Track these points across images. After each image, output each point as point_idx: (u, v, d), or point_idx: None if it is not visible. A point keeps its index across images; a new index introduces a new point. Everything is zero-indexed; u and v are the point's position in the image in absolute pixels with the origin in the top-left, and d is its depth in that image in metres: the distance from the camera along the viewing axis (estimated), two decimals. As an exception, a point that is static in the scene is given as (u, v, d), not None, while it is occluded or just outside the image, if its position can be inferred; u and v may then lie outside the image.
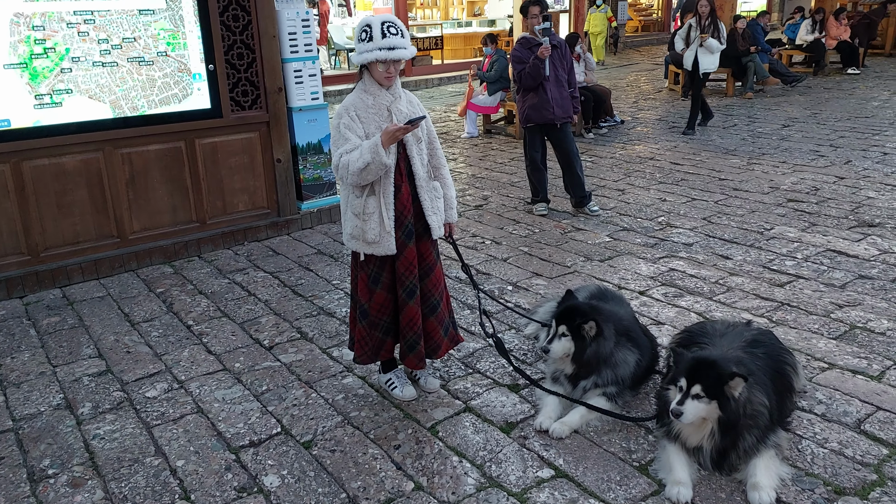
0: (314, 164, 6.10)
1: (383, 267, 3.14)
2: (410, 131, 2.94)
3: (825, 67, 14.29)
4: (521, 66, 5.83)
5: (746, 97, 11.97)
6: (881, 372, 3.48)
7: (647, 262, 5.02)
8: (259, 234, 5.79)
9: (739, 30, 12.08)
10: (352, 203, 3.10)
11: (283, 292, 4.74)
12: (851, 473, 2.78)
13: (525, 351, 3.84)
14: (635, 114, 10.92)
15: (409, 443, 3.07)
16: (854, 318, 4.05)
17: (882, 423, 3.09)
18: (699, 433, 2.80)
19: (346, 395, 3.46)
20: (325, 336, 4.09)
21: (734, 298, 4.38)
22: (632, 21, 21.97)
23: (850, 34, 14.50)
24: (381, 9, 15.90)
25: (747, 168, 7.47)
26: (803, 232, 5.48)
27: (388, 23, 2.92)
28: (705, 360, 2.80)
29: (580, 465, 2.90)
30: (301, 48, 5.76)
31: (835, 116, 9.99)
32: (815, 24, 14.28)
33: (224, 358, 3.87)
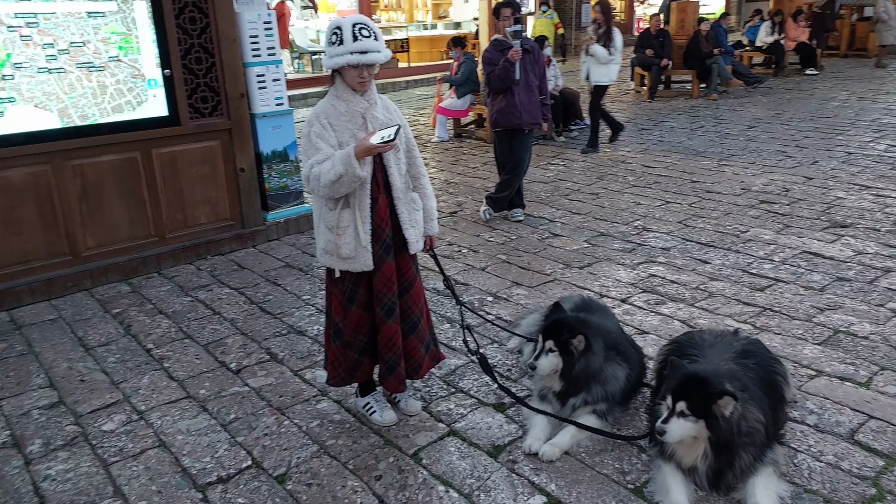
0: (280, 173, 5.86)
1: (359, 283, 2.95)
2: (389, 149, 2.76)
3: (785, 68, 14.49)
4: (492, 69, 5.69)
5: (711, 98, 12.04)
6: (869, 378, 3.41)
7: (626, 268, 4.91)
8: (223, 247, 5.53)
9: (703, 32, 12.15)
10: (325, 216, 2.90)
11: (250, 310, 4.51)
12: (850, 488, 2.68)
13: (509, 366, 3.68)
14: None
15: (391, 472, 2.88)
16: (836, 321, 3.99)
17: (875, 432, 3.00)
18: (692, 453, 2.67)
19: (321, 421, 3.25)
20: (296, 357, 3.87)
21: (716, 304, 4.28)
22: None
23: (808, 36, 14.73)
24: (345, 11, 15.67)
25: (718, 170, 7.45)
26: (778, 234, 5.44)
27: (359, 24, 2.73)
28: (695, 376, 2.67)
29: (573, 489, 2.74)
30: (264, 52, 5.52)
31: (798, 117, 10.08)
32: (774, 25, 14.47)
33: (188, 384, 3.62)
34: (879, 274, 4.58)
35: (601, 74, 8.46)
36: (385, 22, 18.10)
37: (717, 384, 2.58)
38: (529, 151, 6.01)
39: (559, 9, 20.59)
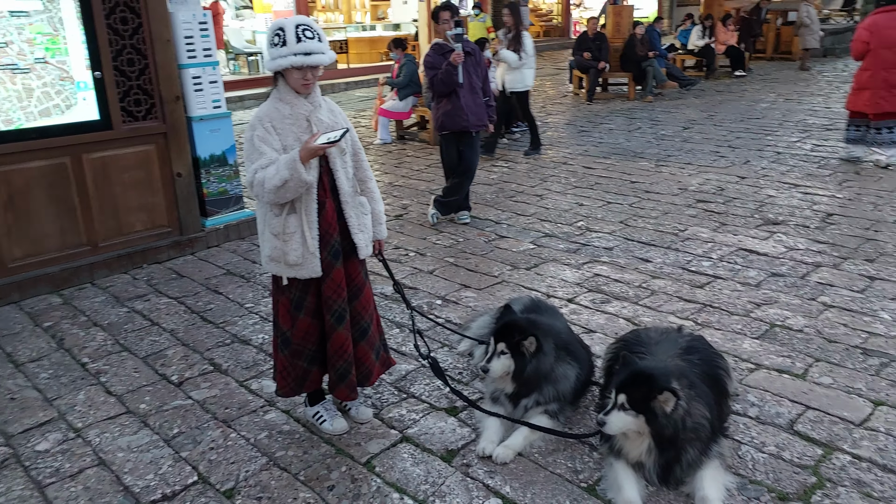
0: (218, 178, 5.71)
1: (307, 290, 2.89)
2: (333, 147, 2.71)
3: (716, 71, 14.97)
4: (434, 72, 5.68)
5: (647, 100, 12.33)
6: (805, 370, 3.54)
7: (571, 268, 4.97)
8: (160, 255, 5.34)
9: (638, 35, 12.44)
10: (270, 222, 2.82)
11: (191, 320, 4.36)
12: (792, 477, 2.77)
13: (460, 369, 3.67)
14: (544, 118, 11.01)
15: (343, 482, 2.83)
16: (772, 316, 4.12)
17: (813, 422, 3.12)
18: (637, 448, 2.72)
19: (269, 432, 3.17)
20: (241, 367, 3.76)
21: (659, 302, 4.38)
22: (533, 26, 22.33)
23: (736, 39, 15.27)
24: (282, 11, 15.41)
25: (656, 170, 7.63)
26: (715, 232, 5.60)
27: (302, 26, 2.67)
28: (640, 372, 2.72)
29: (527, 491, 2.75)
30: (199, 53, 5.36)
31: (729, 118, 10.42)
32: (705, 29, 14.94)
33: (127, 399, 3.48)
34: (810, 269, 4.77)
35: (515, 81, 8.33)
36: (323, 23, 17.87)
37: (660, 381, 2.63)
38: (478, 154, 6.02)
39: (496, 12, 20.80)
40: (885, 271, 4.65)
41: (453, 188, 5.96)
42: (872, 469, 2.78)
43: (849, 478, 2.74)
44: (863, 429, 3.04)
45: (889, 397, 3.24)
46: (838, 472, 2.78)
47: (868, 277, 4.57)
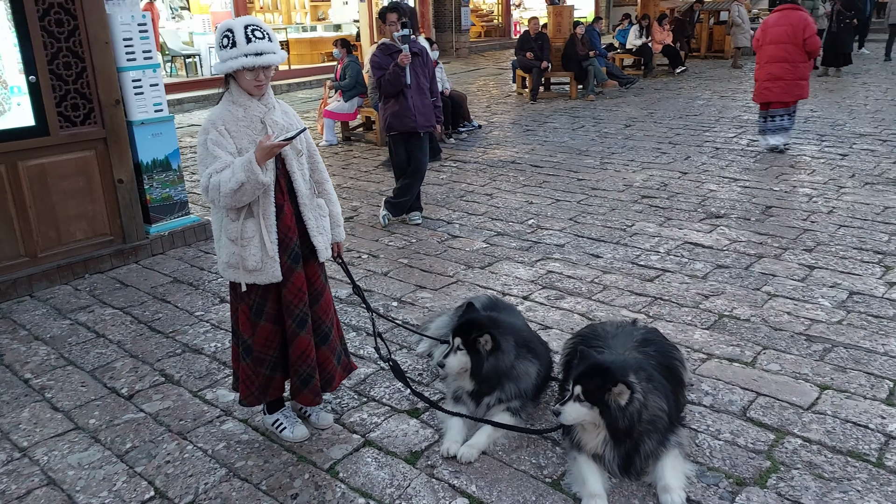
0: (162, 183, 5.54)
1: (267, 296, 2.83)
2: (287, 146, 2.66)
3: (653, 69, 15.36)
4: (381, 73, 5.64)
5: (588, 99, 12.55)
6: (753, 358, 3.65)
7: (525, 266, 5.02)
8: (103, 264, 5.15)
9: (579, 35, 12.65)
10: (226, 228, 2.76)
11: (139, 330, 4.22)
12: (748, 463, 2.86)
13: (420, 371, 3.66)
14: (490, 118, 11.09)
15: (307, 489, 2.78)
16: (720, 307, 4.25)
17: (764, 408, 3.22)
18: (594, 440, 2.77)
19: (227, 443, 3.10)
20: (194, 377, 3.66)
21: (611, 296, 4.46)
22: (474, 27, 22.47)
23: (672, 39, 15.70)
24: (220, 13, 15.09)
25: (601, 168, 7.77)
26: (661, 227, 5.74)
27: (252, 26, 2.62)
28: (597, 365, 2.76)
29: (493, 489, 2.76)
30: (139, 55, 5.20)
31: (668, 115, 10.70)
32: (642, 29, 15.30)
33: (75, 415, 3.34)
34: (753, 260, 4.93)
35: None
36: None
37: (615, 373, 2.68)
38: (427, 154, 6.01)
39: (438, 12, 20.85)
40: (823, 260, 4.84)
41: (404, 189, 5.94)
42: (822, 451, 2.89)
43: (801, 460, 2.84)
44: (811, 412, 3.15)
45: (834, 381, 3.38)
46: (791, 456, 2.88)
47: (807, 267, 4.76)
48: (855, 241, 5.17)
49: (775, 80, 7.69)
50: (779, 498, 2.64)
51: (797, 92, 7.69)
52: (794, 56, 7.58)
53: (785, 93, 7.70)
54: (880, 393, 3.27)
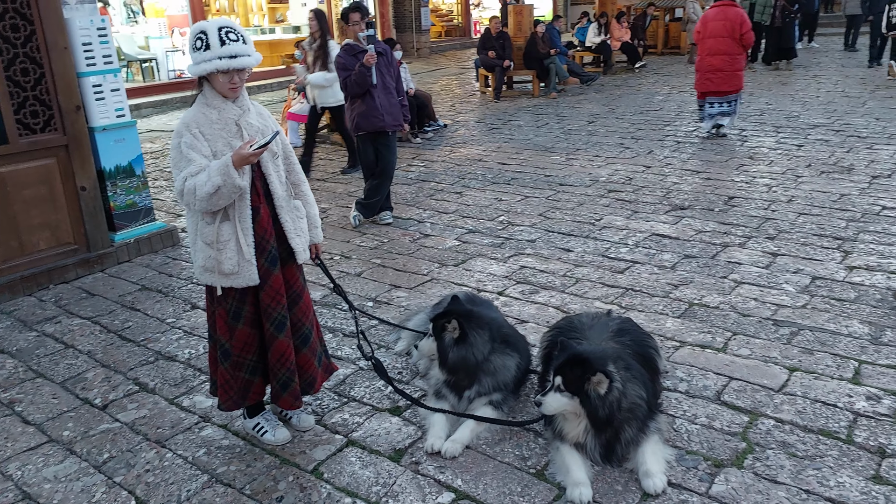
0: (126, 190, 5.44)
1: (245, 300, 2.80)
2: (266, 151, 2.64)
3: (613, 66, 15.58)
4: (347, 74, 5.62)
5: (551, 97, 12.67)
6: (724, 343, 3.74)
7: (498, 262, 5.05)
8: (67, 274, 5.04)
9: (539, 34, 12.76)
10: (202, 231, 2.72)
11: (109, 339, 4.14)
12: (724, 445, 2.93)
13: (400, 369, 3.66)
14: (455, 117, 11.13)
15: (292, 491, 2.77)
16: (690, 295, 4.34)
17: (737, 391, 3.30)
18: (575, 429, 2.81)
19: (207, 449, 3.06)
20: (169, 384, 3.61)
21: (584, 289, 4.52)
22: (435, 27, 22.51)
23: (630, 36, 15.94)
24: (176, 16, 14.86)
25: (567, 164, 7.86)
26: (628, 220, 5.83)
27: (226, 28, 2.59)
28: (577, 355, 2.81)
29: (479, 482, 2.78)
30: (99, 60, 5.09)
31: (630, 111, 10.87)
32: (601, 27, 15.52)
33: (48, 427, 3.27)
34: (719, 249, 5.04)
35: (328, 95, 7.51)
36: (220, 28, 17.33)
37: (594, 364, 2.72)
38: (395, 153, 6.01)
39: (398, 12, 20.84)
40: (785, 247, 4.98)
41: (374, 189, 5.93)
42: (795, 431, 2.98)
43: (775, 441, 2.92)
44: (782, 394, 3.24)
45: (802, 363, 3.48)
46: (765, 436, 2.96)
47: (771, 254, 4.88)
48: (814, 227, 5.33)
49: (716, 71, 8.27)
50: (756, 477, 2.71)
51: (735, 83, 8.33)
52: (731, 49, 8.19)
53: (724, 83, 8.30)
54: (846, 373, 3.37)
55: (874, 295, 4.15)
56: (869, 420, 3.01)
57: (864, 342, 3.64)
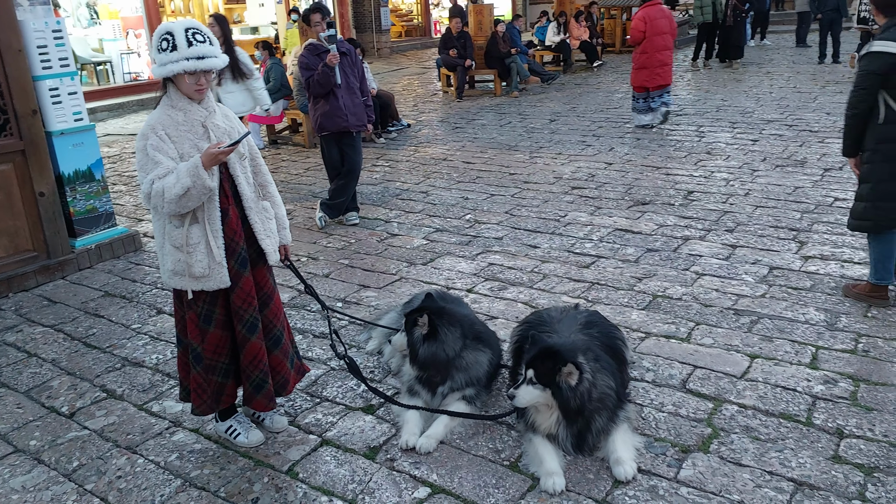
0: (86, 195, 5.34)
1: (215, 302, 2.79)
2: (235, 151, 2.63)
3: (572, 65, 15.76)
4: (310, 73, 5.61)
5: (513, 96, 12.76)
6: (688, 333, 3.84)
7: (466, 259, 5.10)
8: (27, 282, 4.93)
9: (500, 33, 12.85)
10: (170, 235, 2.70)
11: (73, 347, 4.07)
12: (691, 431, 3.02)
13: (372, 368, 3.68)
14: (418, 117, 11.14)
15: (268, 492, 2.77)
16: (653, 288, 4.44)
17: (701, 379, 3.40)
18: (548, 420, 2.87)
19: (180, 453, 3.04)
20: (137, 390, 3.57)
21: (551, 284, 4.59)
22: (395, 27, 22.48)
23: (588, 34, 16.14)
24: (131, 17, 14.58)
25: (531, 161, 7.94)
26: (592, 215, 5.93)
27: (192, 29, 2.58)
28: (548, 348, 2.86)
29: (454, 476, 2.82)
30: (55, 63, 4.99)
31: (590, 109, 11.02)
32: (560, 26, 15.68)
33: (13, 437, 3.21)
34: (681, 242, 5.17)
35: (238, 103, 6.85)
36: (177, 29, 17.05)
37: (565, 356, 2.78)
38: (361, 154, 6.01)
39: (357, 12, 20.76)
40: (744, 239, 5.12)
41: (339, 190, 5.92)
42: (757, 415, 3.08)
43: (738, 425, 3.02)
44: (744, 380, 3.35)
45: (762, 350, 3.60)
46: (729, 422, 3.05)
47: (730, 246, 5.02)
48: (771, 220, 5.49)
49: (664, 65, 8.85)
50: (721, 461, 2.80)
51: (671, 75, 9.09)
52: (671, 45, 8.96)
53: (668, 76, 8.97)
54: (804, 358, 3.50)
55: (829, 283, 4.31)
56: (827, 403, 3.13)
57: (820, 329, 3.77)
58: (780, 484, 2.65)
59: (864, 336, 3.66)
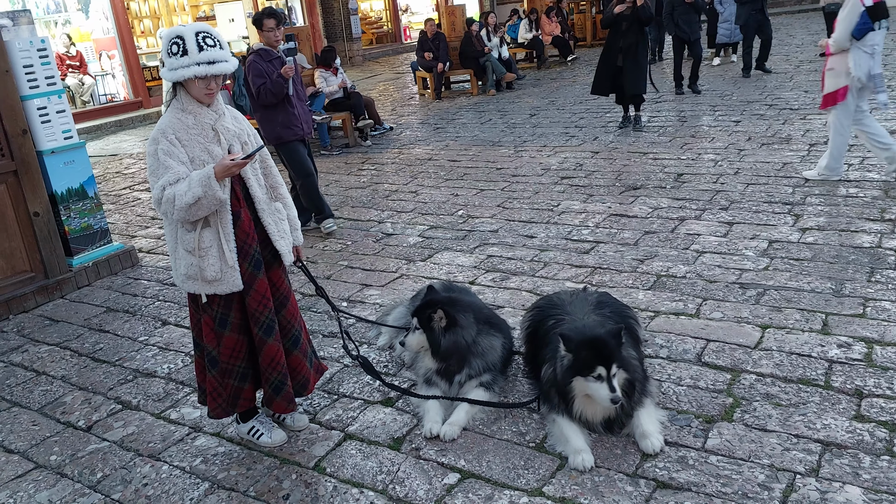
0: (80, 212, 5.28)
1: (230, 306, 2.77)
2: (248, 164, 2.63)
3: (546, 61, 15.87)
4: (262, 81, 5.35)
5: (490, 94, 12.82)
6: (697, 309, 3.88)
7: (464, 253, 5.11)
8: (27, 303, 4.86)
9: (473, 32, 12.90)
10: (182, 239, 2.68)
11: (82, 363, 4.02)
12: (712, 402, 3.05)
13: (385, 363, 3.67)
14: (398, 120, 11.15)
15: (298, 489, 2.76)
16: (657, 268, 4.48)
17: (716, 352, 3.44)
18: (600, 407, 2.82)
19: (204, 457, 3.01)
20: (152, 400, 3.53)
21: (553, 271, 4.61)
22: (365, 34, 22.48)
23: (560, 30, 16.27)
24: (102, 39, 14.45)
25: (516, 156, 7.98)
26: (585, 203, 5.97)
27: (203, 33, 2.57)
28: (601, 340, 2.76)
29: (482, 460, 2.82)
30: (42, 82, 4.93)
31: (569, 102, 11.09)
32: (531, 23, 15.79)
33: (33, 454, 3.16)
34: (677, 223, 5.22)
35: None
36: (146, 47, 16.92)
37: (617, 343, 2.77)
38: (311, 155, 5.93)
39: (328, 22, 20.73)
40: (740, 216, 5.19)
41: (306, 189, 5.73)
42: (776, 382, 3.12)
43: (759, 393, 3.06)
44: (759, 350, 3.39)
45: (773, 321, 3.64)
46: (749, 391, 3.09)
47: (727, 223, 5.09)
48: (764, 195, 5.57)
49: None
50: (747, 428, 2.83)
51: None
52: None
53: None
54: (815, 325, 3.55)
55: (829, 252, 4.38)
56: (843, 366, 3.18)
57: (827, 296, 3.83)
58: (808, 446, 2.69)
59: (871, 300, 3.73)
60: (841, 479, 2.50)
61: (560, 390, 2.84)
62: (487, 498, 2.61)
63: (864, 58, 5.37)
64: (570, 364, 2.77)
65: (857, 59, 5.36)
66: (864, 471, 2.53)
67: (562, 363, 2.82)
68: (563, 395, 2.84)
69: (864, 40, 5.35)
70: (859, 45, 5.36)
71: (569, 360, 2.78)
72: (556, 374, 2.85)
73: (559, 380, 2.81)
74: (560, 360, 2.83)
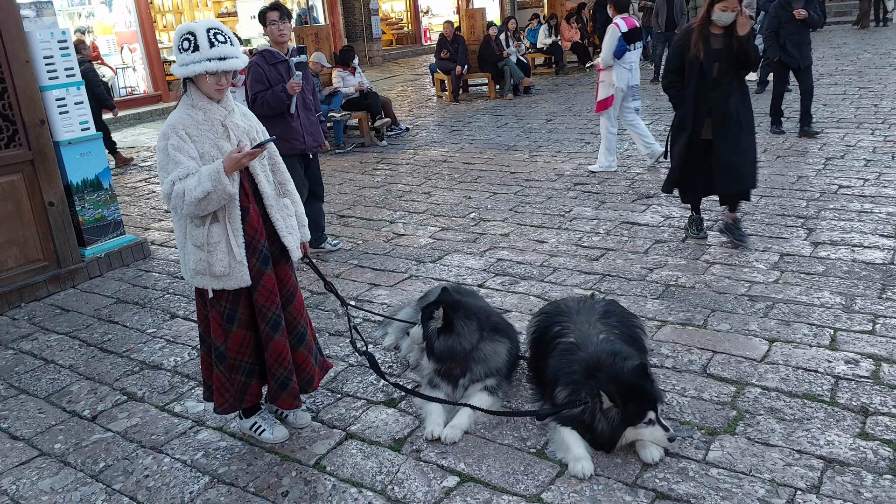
0: (94, 203, 5.34)
1: (238, 301, 2.79)
2: (258, 155, 2.65)
3: (565, 66, 15.84)
4: (261, 89, 4.78)
5: (507, 98, 12.81)
6: (704, 320, 3.86)
7: (474, 256, 5.11)
8: (39, 291, 4.91)
9: (492, 36, 12.91)
10: (191, 234, 2.70)
11: (90, 353, 4.06)
12: (716, 414, 3.03)
13: (390, 363, 3.68)
14: (415, 121, 11.18)
15: (297, 486, 2.77)
16: (665, 277, 4.46)
17: (721, 364, 3.41)
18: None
19: (205, 451, 3.03)
20: (157, 392, 3.56)
21: (563, 277, 4.60)
22: (385, 35, 22.55)
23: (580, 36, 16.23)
24: (124, 32, 14.60)
25: (531, 160, 7.97)
26: (597, 210, 5.95)
27: (214, 29, 2.59)
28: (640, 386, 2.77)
29: (482, 464, 2.82)
30: (61, 73, 4.99)
31: (586, 108, 11.04)
32: (551, 28, 15.77)
33: (37, 441, 3.20)
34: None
35: None
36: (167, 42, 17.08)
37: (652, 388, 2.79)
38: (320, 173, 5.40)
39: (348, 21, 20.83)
40: (752, 228, 5.15)
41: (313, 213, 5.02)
42: (781, 397, 3.10)
43: (763, 407, 3.03)
44: (764, 364, 3.37)
45: (780, 334, 3.61)
46: (753, 404, 3.06)
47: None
48: (777, 208, 5.52)
49: None
50: (749, 442, 2.81)
51: None
52: None
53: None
54: (823, 340, 3.52)
55: (841, 267, 4.33)
56: (849, 382, 3.15)
57: (836, 311, 3.80)
58: (810, 462, 2.66)
59: (881, 317, 3.69)
60: (842, 497, 2.47)
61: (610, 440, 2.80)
62: (486, 502, 2.61)
63: (624, 73, 6.81)
64: (622, 417, 2.74)
65: (619, 74, 6.80)
66: (866, 489, 2.50)
67: (608, 416, 2.77)
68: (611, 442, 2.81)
69: (623, 59, 6.75)
70: (620, 63, 6.76)
71: (617, 414, 2.75)
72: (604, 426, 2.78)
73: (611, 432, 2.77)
74: (605, 413, 2.77)
